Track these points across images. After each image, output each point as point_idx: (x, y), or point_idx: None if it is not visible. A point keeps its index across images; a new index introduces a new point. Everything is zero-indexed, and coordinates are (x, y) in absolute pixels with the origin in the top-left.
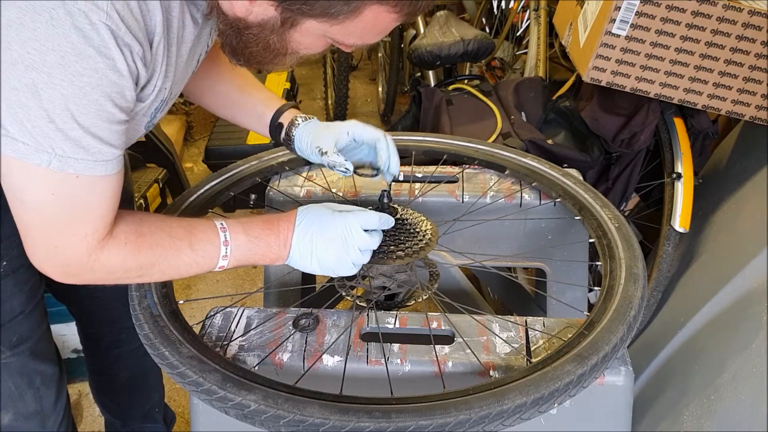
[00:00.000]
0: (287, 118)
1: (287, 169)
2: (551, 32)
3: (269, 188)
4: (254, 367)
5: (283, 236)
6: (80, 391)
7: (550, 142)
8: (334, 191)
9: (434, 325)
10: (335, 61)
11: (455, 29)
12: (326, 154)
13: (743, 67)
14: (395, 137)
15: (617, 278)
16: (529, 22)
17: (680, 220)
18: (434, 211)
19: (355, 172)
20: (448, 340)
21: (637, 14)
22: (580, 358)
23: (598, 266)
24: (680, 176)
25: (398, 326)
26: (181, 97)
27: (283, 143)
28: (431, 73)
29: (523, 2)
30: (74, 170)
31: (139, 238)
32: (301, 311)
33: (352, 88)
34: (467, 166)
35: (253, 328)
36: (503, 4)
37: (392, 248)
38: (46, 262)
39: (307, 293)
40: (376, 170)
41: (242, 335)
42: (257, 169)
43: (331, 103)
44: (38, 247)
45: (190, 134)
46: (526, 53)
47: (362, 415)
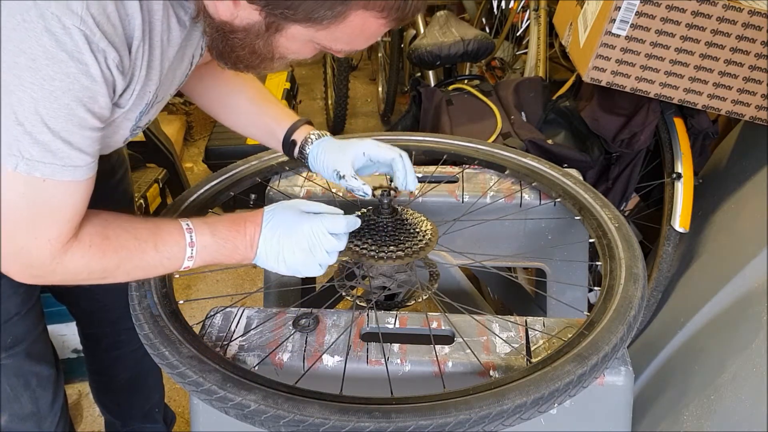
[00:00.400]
0: (300, 135)
1: (287, 169)
2: (551, 32)
3: (269, 188)
4: (254, 367)
5: (249, 237)
6: (80, 391)
7: (550, 142)
8: (333, 191)
9: (434, 325)
10: (335, 61)
11: (455, 29)
12: (344, 177)
13: (743, 67)
14: (395, 137)
15: (617, 278)
16: (529, 22)
17: (680, 220)
18: (434, 211)
19: (373, 195)
20: (448, 340)
21: (637, 14)
22: (580, 358)
23: (598, 266)
24: (680, 176)
25: (398, 326)
26: (181, 96)
27: (296, 160)
28: (431, 73)
29: (523, 2)
30: (41, 174)
31: (104, 240)
32: (301, 311)
33: (352, 88)
34: (467, 166)
35: (253, 328)
36: (503, 4)
37: (392, 248)
38: (10, 262)
39: (307, 293)
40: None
41: (242, 335)
42: (257, 169)
43: (331, 103)
44: (2, 247)
45: (190, 134)
46: (526, 53)
47: (362, 415)
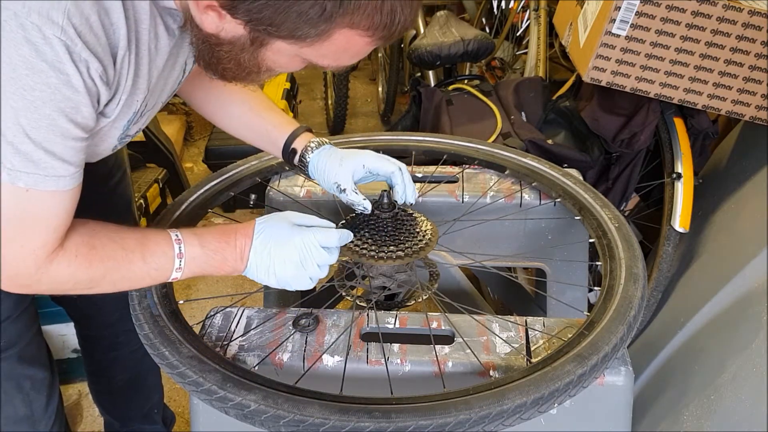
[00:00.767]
0: (300, 143)
1: (287, 169)
2: (551, 32)
3: (269, 188)
4: (254, 367)
5: (239, 249)
6: (80, 391)
7: (550, 142)
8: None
9: (434, 325)
10: None
11: (455, 29)
12: (345, 191)
13: (743, 67)
14: (395, 137)
15: (617, 278)
16: (529, 22)
17: (680, 220)
18: (434, 211)
19: (374, 210)
20: (448, 340)
21: (637, 14)
22: (580, 358)
23: (598, 266)
24: (680, 176)
25: (398, 326)
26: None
27: (296, 167)
28: (431, 73)
29: (523, 2)
30: (24, 184)
31: (90, 250)
32: (301, 311)
33: (352, 88)
34: (467, 166)
35: (253, 328)
36: (503, 4)
37: (392, 248)
38: None
39: (307, 293)
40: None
41: (242, 335)
42: (257, 169)
43: (331, 103)
44: None
45: (190, 134)
46: (526, 53)
47: (362, 415)
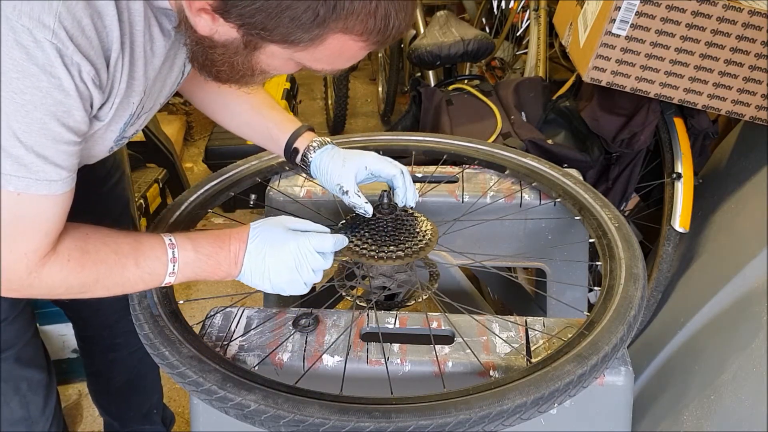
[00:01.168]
0: (302, 143)
1: (287, 169)
2: (551, 32)
3: (269, 188)
4: (254, 367)
5: (233, 253)
6: (80, 391)
7: (550, 142)
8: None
9: (434, 325)
10: None
11: (455, 29)
12: (347, 193)
13: (743, 67)
14: (395, 137)
15: (617, 278)
16: (529, 22)
17: (680, 220)
18: (434, 211)
19: (374, 214)
20: (448, 340)
21: (637, 14)
22: (580, 358)
23: (598, 266)
24: (680, 176)
25: (398, 326)
26: (181, 97)
27: (298, 167)
28: (431, 73)
29: (523, 2)
30: (15, 188)
31: (83, 255)
32: (301, 311)
33: (352, 88)
34: (467, 166)
35: (253, 328)
36: (503, 4)
37: (392, 248)
38: None
39: (307, 293)
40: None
41: (242, 335)
42: (257, 169)
43: (331, 103)
44: None
45: (190, 134)
46: (526, 53)
47: (362, 415)
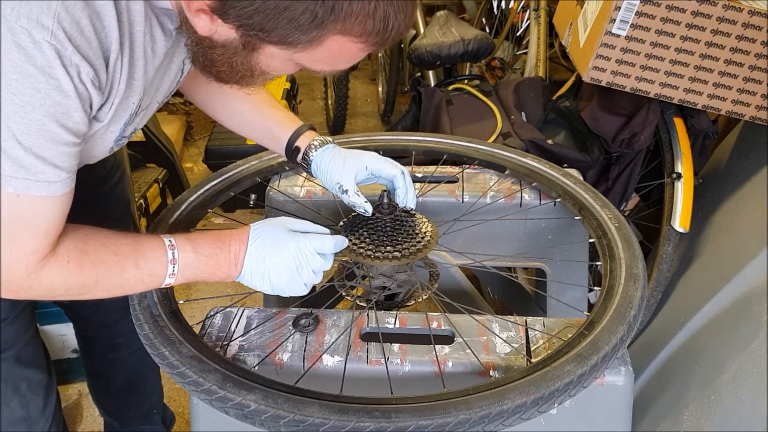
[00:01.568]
0: (304, 141)
1: (287, 169)
2: (551, 32)
3: (269, 188)
4: (254, 367)
5: (234, 254)
6: (80, 391)
7: (550, 142)
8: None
9: (434, 325)
10: None
11: (455, 29)
12: (347, 192)
13: (743, 67)
14: (395, 137)
15: (617, 278)
16: (529, 22)
17: (680, 220)
18: (434, 211)
19: (374, 213)
20: (448, 340)
21: (637, 14)
22: (580, 358)
23: (598, 266)
24: (680, 176)
25: (398, 326)
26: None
27: (299, 166)
28: (431, 73)
29: (523, 2)
30: (14, 189)
31: (83, 256)
32: (301, 311)
33: (352, 88)
34: (467, 166)
35: (253, 328)
36: (503, 4)
37: (391, 248)
38: None
39: (307, 293)
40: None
41: (242, 335)
42: (257, 169)
43: (331, 103)
44: None
45: (190, 134)
46: (526, 53)
47: (362, 415)
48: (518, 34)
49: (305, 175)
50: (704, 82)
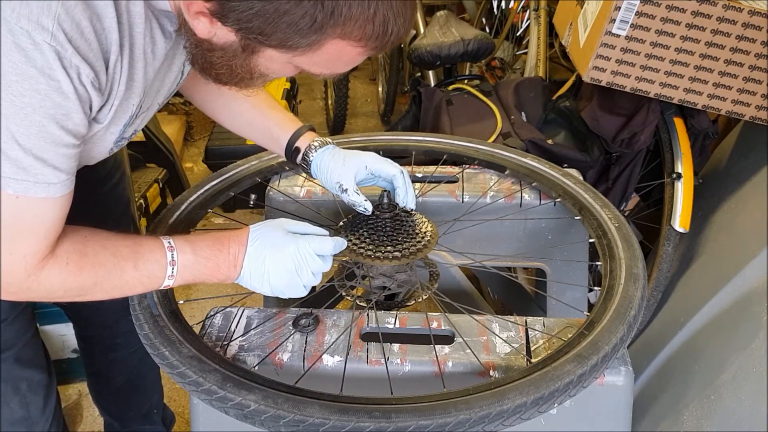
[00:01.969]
0: (304, 142)
1: (287, 169)
2: (551, 32)
3: (269, 188)
4: (254, 367)
5: (233, 256)
6: (80, 391)
7: (550, 142)
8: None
9: (434, 325)
10: None
11: (455, 29)
12: (347, 191)
13: (743, 67)
14: (395, 137)
15: (617, 278)
16: (529, 22)
17: (680, 220)
18: (434, 211)
19: (374, 212)
20: (448, 340)
21: (637, 14)
22: (580, 358)
23: (598, 266)
24: (680, 176)
25: (398, 326)
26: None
27: (299, 167)
28: (431, 73)
29: (523, 2)
30: (14, 190)
31: (82, 258)
32: (301, 311)
33: (352, 88)
34: (467, 166)
35: (253, 328)
36: (503, 4)
37: (391, 248)
38: None
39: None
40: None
41: (242, 335)
42: (257, 169)
43: (331, 103)
44: None
45: (190, 134)
46: (526, 53)
47: (362, 415)
48: (518, 34)
49: (305, 175)
50: (704, 82)
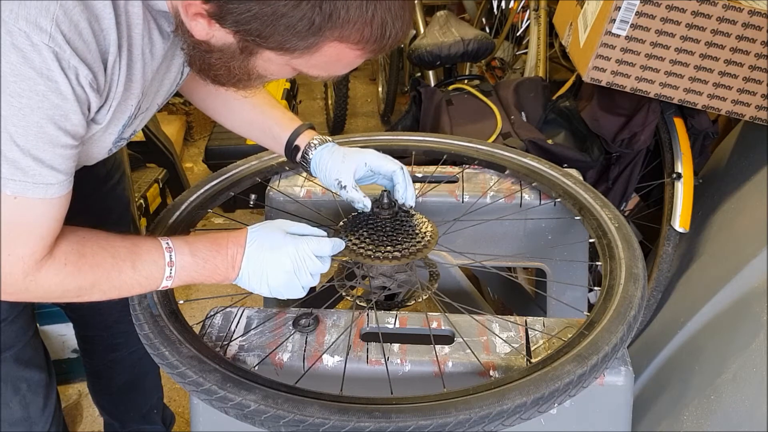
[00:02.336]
0: (303, 140)
1: (287, 169)
2: (551, 32)
3: (269, 188)
4: (254, 367)
5: (231, 257)
6: (80, 391)
7: (550, 142)
8: (333, 192)
9: (434, 325)
10: None
11: (455, 29)
12: (346, 188)
13: (743, 67)
14: (395, 137)
15: (617, 278)
16: (529, 22)
17: (680, 220)
18: (434, 211)
19: (374, 210)
20: (448, 340)
21: (637, 14)
22: (580, 358)
23: (598, 266)
24: (680, 176)
25: (398, 326)
26: (181, 97)
27: (299, 165)
28: (431, 73)
29: (523, 2)
30: (11, 191)
31: (80, 258)
32: (301, 311)
33: (352, 88)
34: (467, 166)
35: (253, 328)
36: (503, 4)
37: (391, 248)
38: None
39: (307, 293)
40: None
41: (242, 335)
42: (257, 169)
43: (331, 103)
44: None
45: (190, 134)
46: (526, 53)
47: (362, 415)
48: (518, 34)
49: (305, 175)
50: (704, 82)
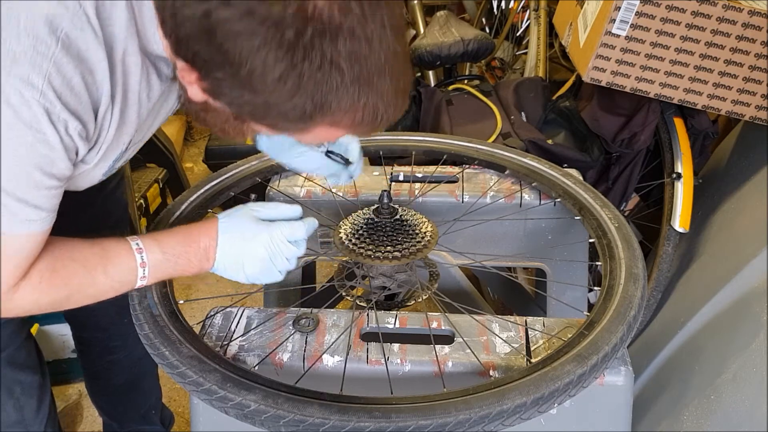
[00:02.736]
0: None
1: (287, 169)
2: (551, 32)
3: (269, 188)
4: (254, 367)
5: (203, 249)
6: (80, 391)
7: (550, 142)
8: (333, 191)
9: (434, 325)
10: None
11: (455, 29)
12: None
13: (743, 67)
14: (395, 137)
15: (617, 278)
16: (529, 22)
17: (680, 220)
18: (434, 211)
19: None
20: (448, 340)
21: (637, 14)
22: (580, 358)
23: (598, 266)
24: (680, 176)
25: (398, 326)
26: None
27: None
28: (431, 73)
29: (523, 2)
30: None
31: (53, 274)
32: (301, 311)
33: None
34: (467, 166)
35: (253, 328)
36: (503, 4)
37: (389, 248)
38: None
39: (307, 293)
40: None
41: (242, 335)
42: (257, 169)
43: None
44: None
45: (190, 134)
46: (526, 53)
47: (362, 415)
48: (518, 34)
49: (305, 175)
50: (704, 82)
